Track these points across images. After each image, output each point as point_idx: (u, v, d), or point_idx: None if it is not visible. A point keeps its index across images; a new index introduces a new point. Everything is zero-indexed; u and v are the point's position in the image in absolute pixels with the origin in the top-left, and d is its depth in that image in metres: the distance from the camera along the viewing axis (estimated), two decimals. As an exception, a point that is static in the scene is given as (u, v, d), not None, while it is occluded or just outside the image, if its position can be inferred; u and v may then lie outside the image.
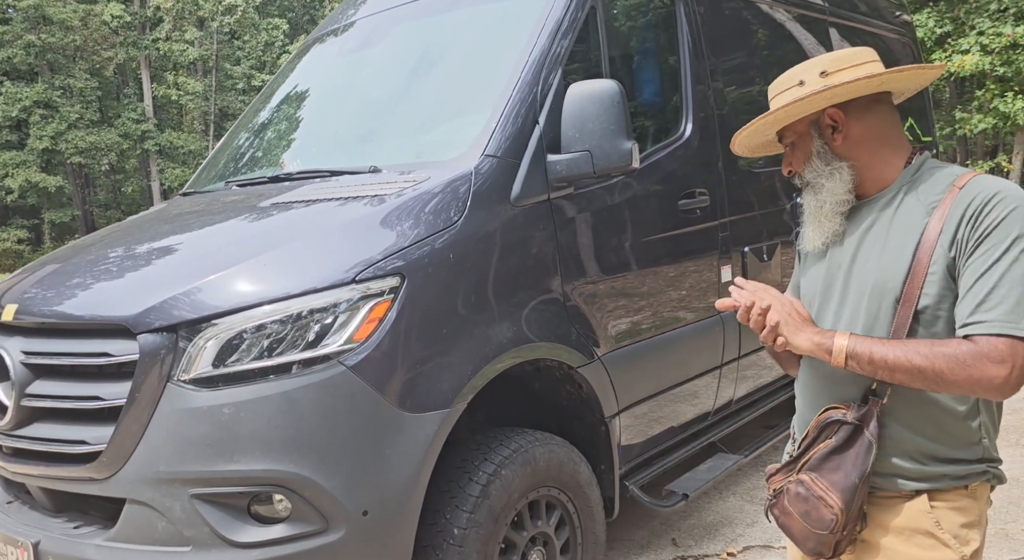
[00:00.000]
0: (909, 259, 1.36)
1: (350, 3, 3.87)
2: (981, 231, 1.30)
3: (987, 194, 1.32)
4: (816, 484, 1.42)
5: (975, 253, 1.30)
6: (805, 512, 1.43)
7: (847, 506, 1.39)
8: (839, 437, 1.42)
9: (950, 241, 1.33)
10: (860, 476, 1.39)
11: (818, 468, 1.43)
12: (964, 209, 1.33)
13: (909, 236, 1.38)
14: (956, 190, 1.36)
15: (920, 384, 1.32)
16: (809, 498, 1.42)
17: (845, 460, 1.41)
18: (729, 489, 3.78)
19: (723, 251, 3.35)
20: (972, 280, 1.30)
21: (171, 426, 1.92)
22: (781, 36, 4.07)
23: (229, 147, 3.51)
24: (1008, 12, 11.62)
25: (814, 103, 1.45)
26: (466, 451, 2.37)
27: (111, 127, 26.58)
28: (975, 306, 1.28)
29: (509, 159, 2.48)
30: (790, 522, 1.47)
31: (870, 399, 1.41)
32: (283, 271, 2.08)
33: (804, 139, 1.51)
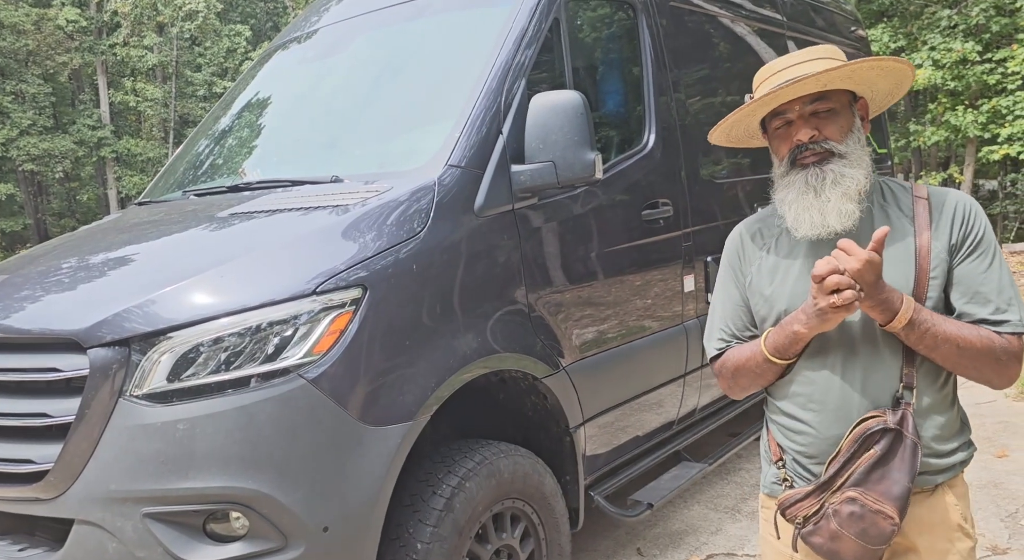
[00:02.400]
0: (912, 267, 1.46)
1: (313, 11, 3.83)
2: (973, 239, 1.46)
3: (964, 207, 1.49)
4: (867, 498, 1.41)
5: (971, 257, 1.46)
6: (863, 530, 1.40)
7: (902, 513, 1.40)
8: (882, 446, 1.42)
9: (946, 246, 1.46)
10: (910, 479, 1.41)
11: (864, 482, 1.42)
12: (951, 219, 1.47)
13: (904, 245, 1.48)
14: (924, 201, 1.50)
15: (954, 359, 1.41)
16: (865, 515, 1.40)
17: (891, 469, 1.41)
18: (694, 497, 3.80)
19: (686, 261, 3.37)
20: (978, 282, 1.44)
21: (123, 443, 1.85)
22: (741, 49, 4.14)
23: (187, 155, 3.44)
24: (958, 29, 12.01)
25: (863, 72, 1.47)
26: (430, 464, 2.34)
27: (66, 134, 25.90)
28: (998, 306, 1.43)
29: (473, 169, 2.47)
30: (840, 546, 1.43)
31: (900, 402, 1.45)
32: (241, 283, 2.04)
33: (846, 111, 1.52)
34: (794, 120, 1.52)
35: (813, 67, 1.49)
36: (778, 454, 1.60)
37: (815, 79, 1.45)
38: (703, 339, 1.78)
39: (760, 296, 1.59)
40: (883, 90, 1.58)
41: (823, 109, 1.51)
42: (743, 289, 1.65)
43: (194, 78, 28.48)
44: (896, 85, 1.57)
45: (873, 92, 1.57)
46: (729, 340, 1.67)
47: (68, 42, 26.29)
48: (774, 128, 1.57)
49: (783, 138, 1.55)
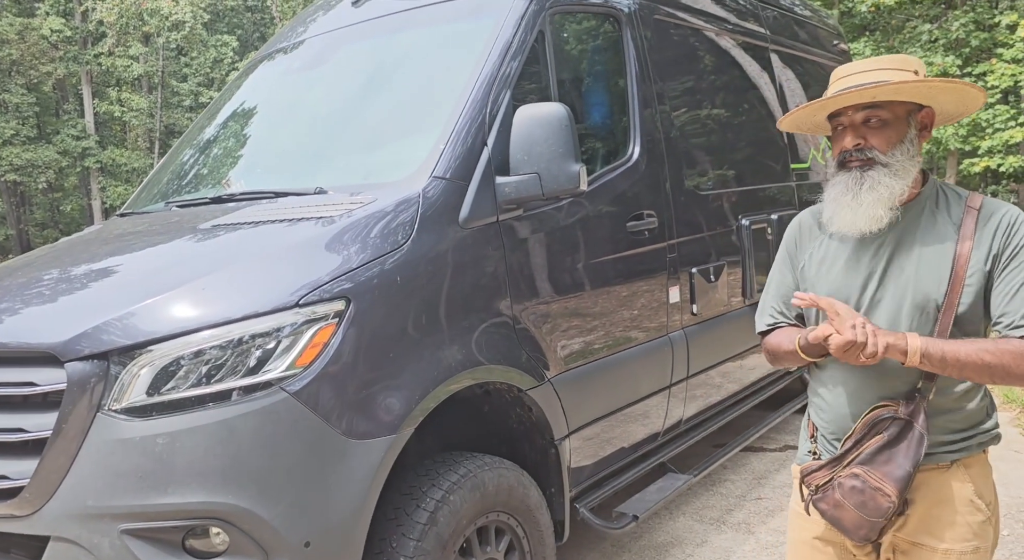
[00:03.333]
0: (948, 272, 1.56)
1: (299, 21, 3.83)
2: (1013, 247, 1.54)
3: (1011, 219, 1.57)
4: (870, 476, 1.57)
5: (1010, 265, 1.54)
6: (861, 503, 1.57)
7: (901, 493, 1.55)
8: (890, 432, 1.57)
9: (985, 256, 1.55)
10: (913, 465, 1.55)
11: (870, 461, 1.58)
12: (995, 230, 1.56)
13: (943, 251, 1.58)
14: (974, 211, 1.59)
15: (985, 378, 1.52)
16: (865, 490, 1.57)
17: (897, 453, 1.56)
18: (679, 509, 3.79)
19: (671, 272, 3.38)
20: (1014, 288, 1.52)
21: (101, 458, 1.82)
22: (725, 62, 4.18)
23: (170, 166, 3.41)
24: (938, 43, 12.20)
25: (935, 91, 1.58)
26: (414, 477, 2.33)
27: (49, 144, 25.70)
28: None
29: (458, 181, 2.47)
30: (842, 514, 1.60)
31: (916, 396, 1.58)
32: (223, 295, 2.02)
33: (900, 123, 1.61)
34: (847, 125, 1.63)
35: (871, 77, 1.59)
36: (812, 430, 1.77)
37: (862, 92, 1.56)
38: (755, 315, 1.91)
39: (810, 283, 1.72)
40: (950, 106, 1.65)
41: (876, 118, 1.60)
42: (795, 273, 1.79)
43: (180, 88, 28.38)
44: (963, 103, 1.64)
45: (939, 104, 1.64)
46: (778, 318, 1.81)
47: (52, 52, 26.14)
48: (834, 127, 1.68)
49: (838, 140, 1.66)
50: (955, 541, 1.62)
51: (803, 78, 5.07)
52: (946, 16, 12.50)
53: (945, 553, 1.62)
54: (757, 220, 4.05)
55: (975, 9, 12.27)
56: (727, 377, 3.91)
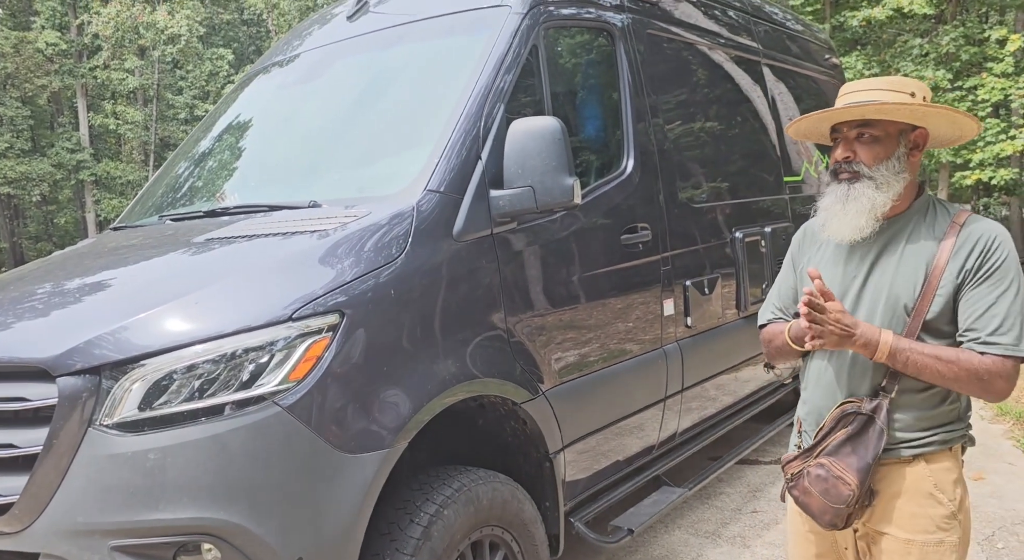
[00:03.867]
0: (922, 279, 1.68)
1: (295, 35, 3.84)
2: (988, 267, 1.64)
3: (989, 237, 1.67)
4: (834, 466, 1.69)
5: (983, 284, 1.64)
6: (825, 490, 1.70)
7: (861, 483, 1.67)
8: (854, 427, 1.70)
9: (958, 270, 1.66)
10: (873, 458, 1.67)
11: (835, 453, 1.71)
12: (972, 247, 1.66)
13: (921, 260, 1.70)
14: (957, 226, 1.70)
15: (938, 380, 1.64)
16: (828, 478, 1.69)
17: (859, 445, 1.69)
18: (675, 522, 3.78)
19: (665, 285, 3.39)
20: (984, 305, 1.62)
21: (91, 474, 1.81)
22: (718, 76, 4.21)
23: (164, 180, 3.41)
24: (929, 57, 12.30)
25: (920, 114, 1.70)
26: (408, 491, 2.31)
27: (44, 157, 25.67)
28: (993, 329, 1.61)
29: (452, 194, 2.47)
30: (810, 500, 1.74)
31: (880, 393, 1.70)
32: (217, 309, 2.01)
33: (890, 140, 1.73)
34: (841, 138, 1.77)
35: (867, 96, 1.72)
36: (799, 424, 1.91)
37: (851, 110, 1.71)
38: (760, 310, 2.06)
39: (805, 283, 1.83)
40: (944, 129, 1.77)
41: (867, 134, 1.72)
42: (796, 275, 1.96)
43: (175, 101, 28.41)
44: (955, 128, 1.76)
45: (933, 127, 1.75)
46: (777, 314, 1.98)
47: (48, 65, 26.16)
48: (832, 139, 1.82)
49: (833, 151, 1.81)
50: (916, 532, 1.71)
51: (795, 91, 5.11)
52: (936, 31, 12.62)
53: (907, 543, 1.72)
54: (751, 233, 4.07)
55: (964, 24, 12.39)
56: (722, 389, 3.91)
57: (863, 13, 12.35)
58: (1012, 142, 11.29)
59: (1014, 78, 11.53)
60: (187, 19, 24.95)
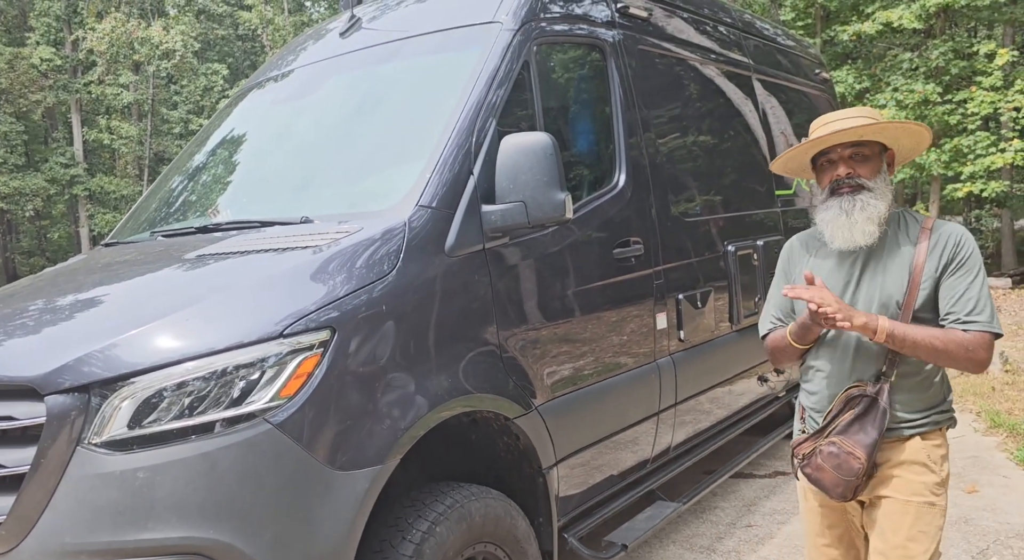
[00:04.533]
0: (907, 278, 1.96)
1: (288, 51, 3.86)
2: (958, 260, 1.94)
3: (956, 236, 1.97)
4: (844, 444, 1.95)
5: (956, 274, 1.94)
6: (837, 465, 1.95)
7: (869, 457, 1.93)
8: (860, 408, 1.96)
9: (936, 266, 1.95)
10: (879, 433, 1.94)
11: (844, 432, 1.97)
12: (944, 245, 1.95)
13: (903, 262, 1.98)
14: (927, 231, 1.99)
15: (932, 358, 1.91)
16: (840, 454, 1.95)
17: (866, 424, 1.95)
18: (669, 537, 3.76)
19: (658, 298, 3.39)
20: (959, 292, 1.92)
21: (80, 493, 1.79)
22: (710, 91, 4.24)
23: (157, 196, 3.41)
24: (919, 71, 12.42)
25: (891, 131, 1.99)
26: (400, 508, 2.30)
27: (37, 172, 25.64)
28: (969, 310, 1.90)
29: (444, 209, 2.48)
30: (822, 475, 1.99)
31: (881, 378, 1.97)
32: (207, 326, 2.01)
33: (876, 158, 2.02)
34: (836, 160, 2.01)
35: (855, 122, 1.98)
36: (801, 412, 2.16)
37: (855, 131, 1.96)
38: (759, 322, 2.29)
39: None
40: (907, 146, 2.06)
41: (859, 154, 1.99)
42: (790, 284, 2.13)
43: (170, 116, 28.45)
44: (917, 143, 2.06)
45: (899, 146, 2.05)
46: (776, 323, 2.20)
47: (42, 80, 26.18)
48: (820, 164, 2.07)
49: (826, 172, 2.04)
50: (912, 495, 1.99)
51: (787, 106, 5.15)
52: (926, 45, 12.75)
53: (905, 504, 1.99)
54: (743, 246, 4.08)
55: (954, 38, 12.52)
56: (716, 403, 3.91)
57: (853, 28, 12.48)
58: (1002, 155, 11.39)
59: (1003, 91, 11.64)
60: (182, 34, 25.04)
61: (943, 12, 12.08)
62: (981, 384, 6.15)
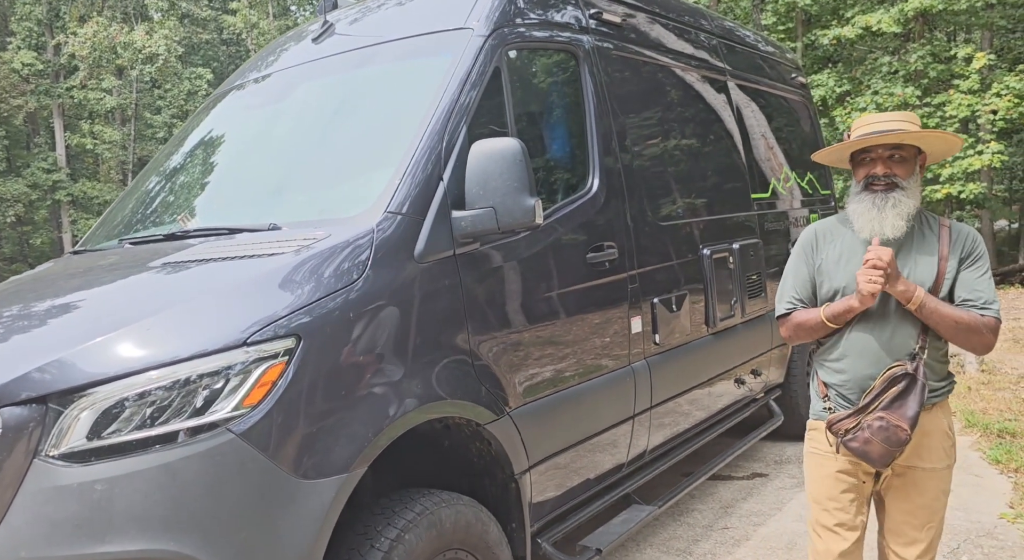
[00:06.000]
0: (935, 269, 2.22)
1: (262, 57, 3.85)
2: (973, 256, 2.23)
3: (971, 235, 2.26)
4: (890, 417, 2.15)
5: (971, 268, 2.22)
6: (886, 438, 2.15)
7: (913, 428, 2.14)
8: (903, 384, 2.16)
9: (958, 260, 2.22)
10: (920, 406, 2.15)
11: (889, 407, 2.16)
12: (963, 242, 2.23)
13: (931, 252, 2.24)
14: (946, 228, 2.26)
15: (950, 333, 2.18)
16: (889, 427, 2.15)
17: (908, 399, 2.16)
18: (646, 540, 3.77)
19: (633, 302, 3.40)
20: (975, 283, 2.20)
21: (36, 507, 1.76)
22: (685, 96, 4.26)
23: (127, 203, 3.39)
24: (898, 74, 12.54)
25: (929, 138, 2.23)
26: (369, 516, 2.29)
27: (19, 177, 25.40)
28: (985, 300, 2.19)
29: (413, 215, 2.47)
30: (870, 448, 2.18)
31: (917, 356, 2.19)
32: (169, 334, 1.99)
33: (912, 161, 2.24)
34: (875, 158, 2.22)
35: (898, 125, 2.19)
36: (824, 390, 2.36)
37: (898, 135, 2.18)
38: (775, 301, 2.50)
39: (826, 275, 2.34)
40: (939, 150, 2.31)
41: (897, 155, 2.21)
42: (812, 268, 2.38)
43: (154, 120, 28.26)
44: (948, 149, 2.32)
45: (932, 151, 2.28)
46: (795, 303, 2.41)
47: (23, 85, 25.95)
48: (859, 159, 2.27)
49: (863, 167, 2.26)
50: (936, 461, 2.26)
51: (764, 110, 5.18)
52: (905, 49, 12.88)
53: (931, 471, 2.25)
54: (719, 249, 4.10)
55: (932, 42, 12.66)
56: (693, 406, 3.92)
57: (833, 32, 12.60)
58: (980, 157, 11.51)
59: (980, 94, 11.77)
60: (165, 39, 24.90)
61: (921, 16, 12.21)
62: (958, 384, 6.21)
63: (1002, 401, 5.69)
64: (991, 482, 4.20)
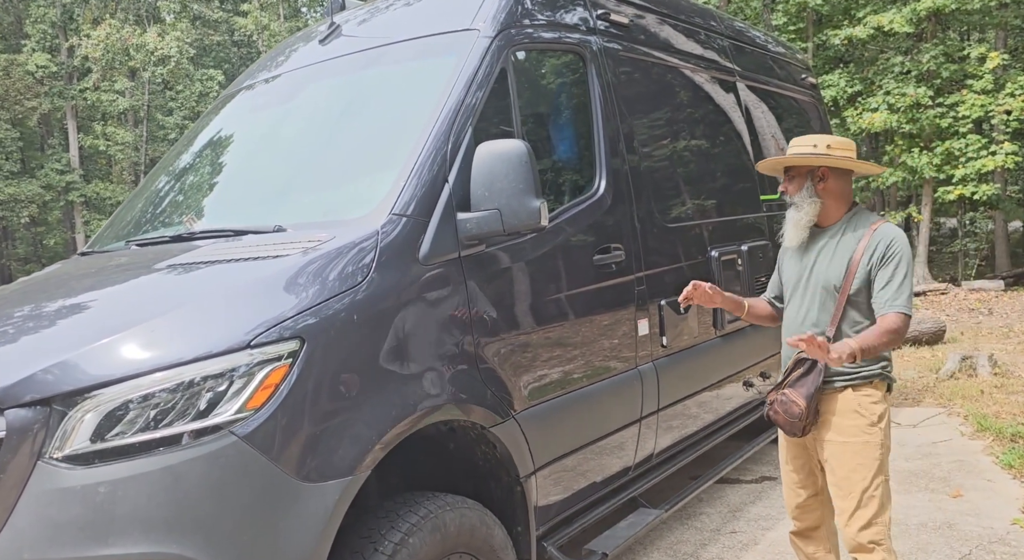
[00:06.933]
0: (845, 267, 2.52)
1: (270, 58, 3.85)
2: (887, 257, 2.47)
3: (888, 237, 2.50)
4: (790, 394, 2.55)
5: (884, 268, 2.47)
6: (785, 410, 2.56)
7: (808, 405, 2.51)
8: (806, 368, 2.55)
9: (868, 259, 2.49)
10: (815, 387, 2.52)
11: (793, 385, 2.56)
12: (877, 243, 2.49)
13: (846, 254, 2.54)
14: (871, 231, 2.52)
15: (885, 348, 2.44)
16: (787, 402, 2.55)
17: (807, 380, 2.54)
18: (653, 544, 3.74)
19: (640, 304, 3.38)
20: (885, 282, 2.46)
21: (40, 509, 1.76)
22: (693, 97, 4.24)
23: (135, 205, 3.40)
24: (911, 74, 12.44)
25: (815, 161, 2.58)
26: (373, 519, 2.28)
27: (33, 178, 25.63)
28: (885, 300, 2.45)
29: (418, 217, 2.47)
30: (777, 418, 2.60)
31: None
32: (173, 336, 1.99)
33: (802, 178, 2.61)
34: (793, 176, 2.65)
35: (799, 148, 2.62)
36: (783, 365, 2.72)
37: (783, 160, 2.64)
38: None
39: (782, 272, 2.83)
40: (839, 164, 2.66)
41: (791, 172, 2.64)
42: (778, 272, 2.86)
43: (166, 122, 28.44)
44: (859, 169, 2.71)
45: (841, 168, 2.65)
46: (769, 297, 2.96)
47: (37, 87, 26.18)
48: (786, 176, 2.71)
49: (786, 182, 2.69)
50: (847, 436, 2.53)
51: (774, 111, 5.15)
52: (917, 48, 12.77)
53: (842, 444, 2.53)
54: (727, 251, 4.07)
55: (945, 42, 12.55)
56: (701, 408, 3.89)
57: (844, 32, 12.51)
58: (993, 158, 11.40)
59: (994, 94, 11.66)
60: (177, 40, 25.05)
61: (934, 16, 12.11)
62: (969, 387, 6.15)
63: (1015, 405, 5.63)
64: (1004, 487, 4.15)
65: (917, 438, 5.01)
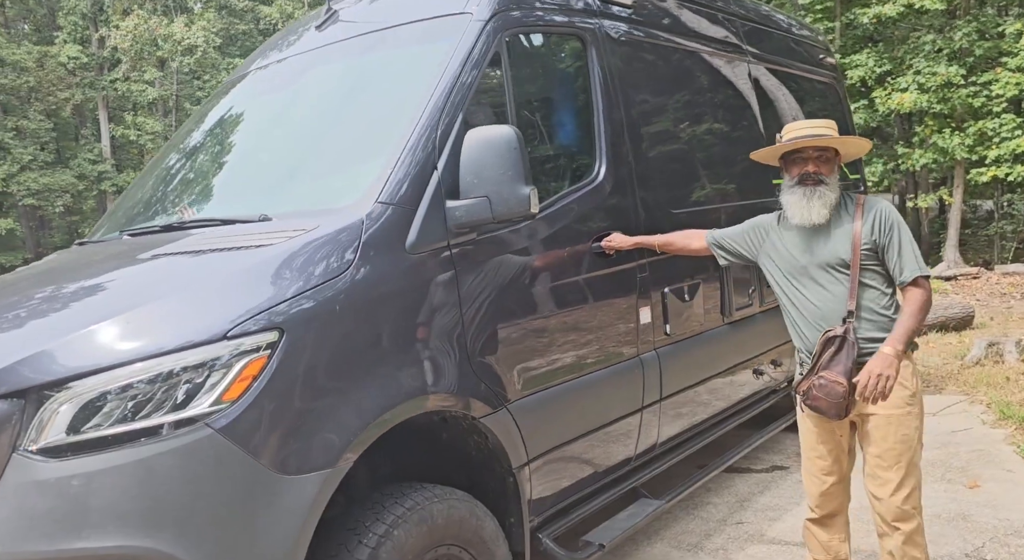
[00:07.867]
0: (850, 242, 2.62)
1: (270, 46, 3.83)
2: (887, 227, 2.61)
3: (879, 209, 2.65)
4: (827, 375, 2.55)
5: (889, 239, 2.60)
6: (827, 393, 2.54)
7: (848, 381, 2.52)
8: (836, 345, 2.56)
9: (869, 231, 2.61)
10: (852, 362, 2.53)
11: (827, 367, 2.56)
12: (874, 216, 2.62)
13: (847, 230, 2.64)
14: (861, 207, 2.66)
15: (923, 324, 2.58)
16: (827, 385, 2.54)
17: (841, 356, 2.54)
18: (657, 534, 3.70)
19: (642, 292, 3.32)
20: (896, 252, 2.59)
21: (14, 502, 1.76)
22: (700, 79, 4.12)
23: (133, 194, 3.42)
24: (942, 53, 12.06)
25: (848, 143, 2.77)
26: (359, 511, 2.27)
27: (67, 168, 26.12)
28: (902, 271, 2.59)
29: (405, 206, 2.43)
30: (819, 403, 2.58)
31: (846, 321, 2.59)
32: (149, 327, 1.98)
33: (833, 160, 2.72)
34: (806, 158, 2.68)
35: (824, 132, 2.69)
36: (798, 354, 2.79)
37: (826, 139, 2.68)
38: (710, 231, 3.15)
39: (771, 260, 2.84)
40: (852, 152, 2.87)
41: (823, 155, 2.68)
42: (753, 242, 2.93)
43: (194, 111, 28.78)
44: (860, 150, 2.97)
45: (846, 152, 2.79)
46: (714, 239, 3.11)
47: (70, 78, 26.63)
48: (791, 158, 2.73)
49: (796, 165, 2.71)
50: (891, 408, 2.56)
51: (792, 93, 5.01)
52: (950, 26, 12.37)
53: (887, 417, 2.57)
54: (735, 237, 3.97)
55: (978, 19, 12.12)
56: (707, 397, 3.82)
57: (874, 10, 12.15)
58: (1028, 137, 11.03)
59: (1030, 72, 11.26)
60: (203, 30, 25.25)
61: (968, -9, 11.70)
62: (995, 374, 5.97)
63: (1042, 393, 5.46)
64: (1023, 477, 4.02)
65: (937, 427, 4.88)
